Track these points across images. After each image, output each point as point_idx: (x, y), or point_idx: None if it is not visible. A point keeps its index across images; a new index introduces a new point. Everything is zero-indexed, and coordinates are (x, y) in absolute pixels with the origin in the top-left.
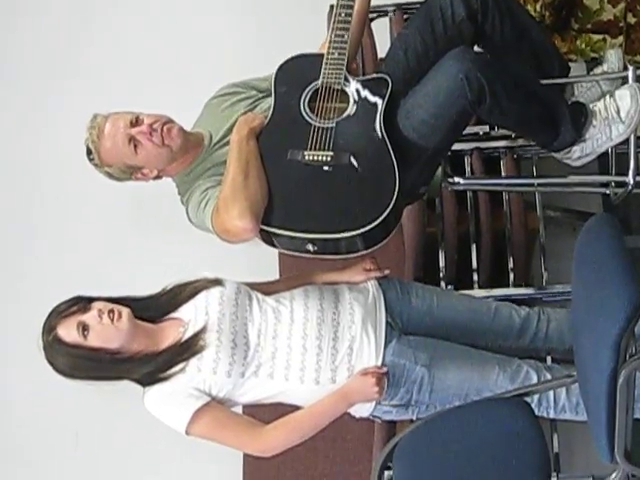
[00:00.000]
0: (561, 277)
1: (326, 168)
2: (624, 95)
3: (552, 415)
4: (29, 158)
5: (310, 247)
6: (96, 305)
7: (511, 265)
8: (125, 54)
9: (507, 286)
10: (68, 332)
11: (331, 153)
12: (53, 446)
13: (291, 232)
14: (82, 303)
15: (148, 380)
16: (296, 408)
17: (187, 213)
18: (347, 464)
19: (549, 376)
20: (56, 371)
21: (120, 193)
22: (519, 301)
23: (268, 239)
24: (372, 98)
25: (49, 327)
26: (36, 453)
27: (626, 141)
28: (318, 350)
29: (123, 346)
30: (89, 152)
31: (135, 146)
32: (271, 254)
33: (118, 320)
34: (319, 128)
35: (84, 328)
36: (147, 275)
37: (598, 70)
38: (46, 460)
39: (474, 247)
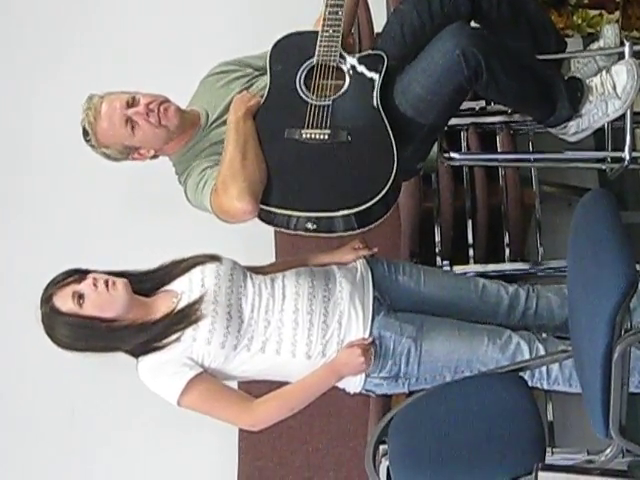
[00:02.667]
0: (557, 252)
1: (324, 146)
2: (620, 70)
3: (545, 387)
4: (24, 140)
5: (309, 225)
6: (92, 275)
7: (507, 240)
8: (120, 33)
9: (503, 261)
10: (64, 301)
11: (328, 131)
12: (49, 423)
13: (290, 211)
14: (78, 274)
15: (143, 349)
16: (287, 384)
17: (185, 193)
18: (342, 439)
19: (541, 348)
20: (54, 342)
21: (116, 173)
22: (514, 276)
23: (266, 218)
24: (368, 74)
25: (46, 298)
26: (32, 430)
27: (622, 116)
28: (309, 325)
29: (119, 315)
30: (85, 133)
31: (132, 127)
32: (267, 233)
33: (114, 288)
34: (316, 106)
35: (80, 297)
36: (143, 255)
37: (594, 46)
38: (42, 437)
39: (470, 222)
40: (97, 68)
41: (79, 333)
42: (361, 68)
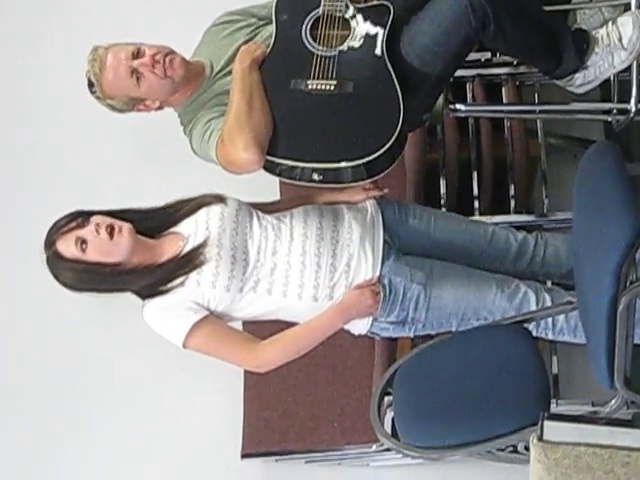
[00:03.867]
0: (562, 204)
1: (330, 97)
2: (626, 22)
3: (550, 337)
4: (28, 89)
5: (315, 176)
6: (94, 219)
7: (512, 192)
8: None
9: (508, 213)
10: (67, 247)
11: (334, 82)
12: (55, 371)
13: (296, 162)
14: (81, 218)
15: (148, 292)
16: (294, 325)
17: (190, 144)
18: (347, 390)
19: (548, 298)
20: (60, 283)
21: (120, 123)
22: (519, 228)
23: (272, 169)
24: (373, 29)
25: (49, 242)
26: (38, 378)
27: (628, 68)
28: (317, 267)
29: (123, 260)
30: (91, 85)
31: (137, 78)
32: (272, 182)
33: (119, 235)
34: (322, 56)
35: (82, 242)
36: (147, 201)
37: None
38: (48, 385)
39: (475, 174)
40: (101, 20)
41: (83, 277)
42: (367, 24)
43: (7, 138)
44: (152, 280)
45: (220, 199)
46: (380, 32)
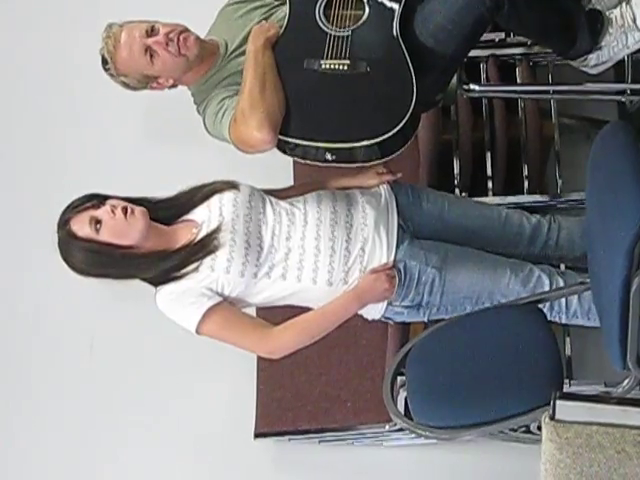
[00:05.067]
0: (575, 185)
1: (343, 77)
2: None
3: (564, 320)
4: (42, 68)
5: (328, 156)
6: (110, 202)
7: (526, 173)
8: None
9: (521, 193)
10: (81, 226)
11: (348, 61)
12: (68, 350)
13: (309, 142)
14: (97, 199)
15: (161, 279)
16: (308, 310)
17: (204, 123)
18: (360, 370)
19: (561, 281)
20: (70, 268)
21: (134, 102)
22: (533, 209)
23: (285, 149)
24: (388, 4)
25: (63, 221)
26: (51, 357)
27: None
28: (331, 251)
29: (136, 243)
30: (105, 62)
31: (151, 56)
32: (286, 162)
33: (132, 216)
34: (335, 36)
35: (97, 222)
36: (161, 184)
37: None
38: (61, 364)
39: (489, 154)
40: None
41: (95, 259)
42: None
43: (19, 122)
44: (166, 266)
45: (232, 185)
46: (394, 11)
